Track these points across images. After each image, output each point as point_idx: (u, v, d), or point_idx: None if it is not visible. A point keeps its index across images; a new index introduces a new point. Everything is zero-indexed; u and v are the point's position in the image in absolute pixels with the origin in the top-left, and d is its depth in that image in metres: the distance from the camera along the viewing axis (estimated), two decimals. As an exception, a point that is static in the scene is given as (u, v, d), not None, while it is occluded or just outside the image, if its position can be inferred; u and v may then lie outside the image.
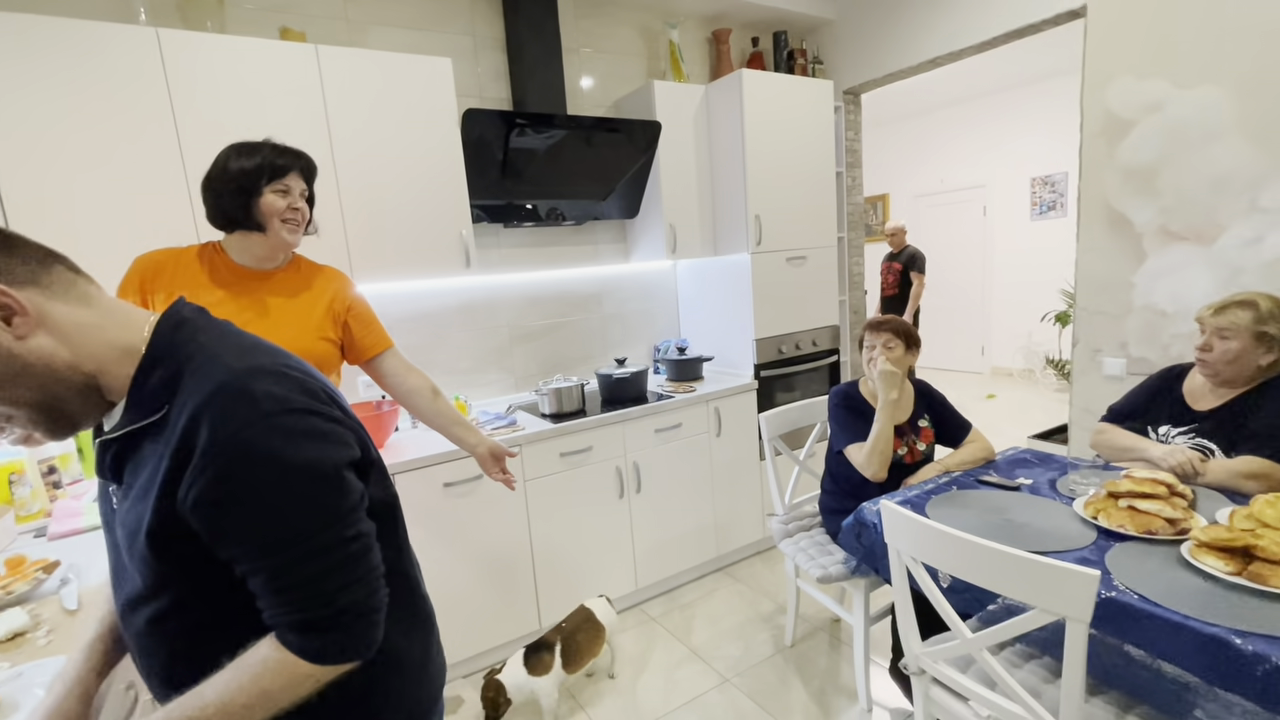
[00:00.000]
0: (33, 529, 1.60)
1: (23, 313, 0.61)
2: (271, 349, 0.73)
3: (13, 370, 0.61)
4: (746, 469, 2.83)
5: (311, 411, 0.67)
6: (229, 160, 1.35)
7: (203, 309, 0.75)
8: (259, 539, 0.63)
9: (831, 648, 2.24)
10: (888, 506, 1.32)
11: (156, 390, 0.66)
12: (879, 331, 1.94)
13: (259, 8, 2.16)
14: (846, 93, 3.37)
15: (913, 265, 5.03)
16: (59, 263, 0.66)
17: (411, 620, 0.84)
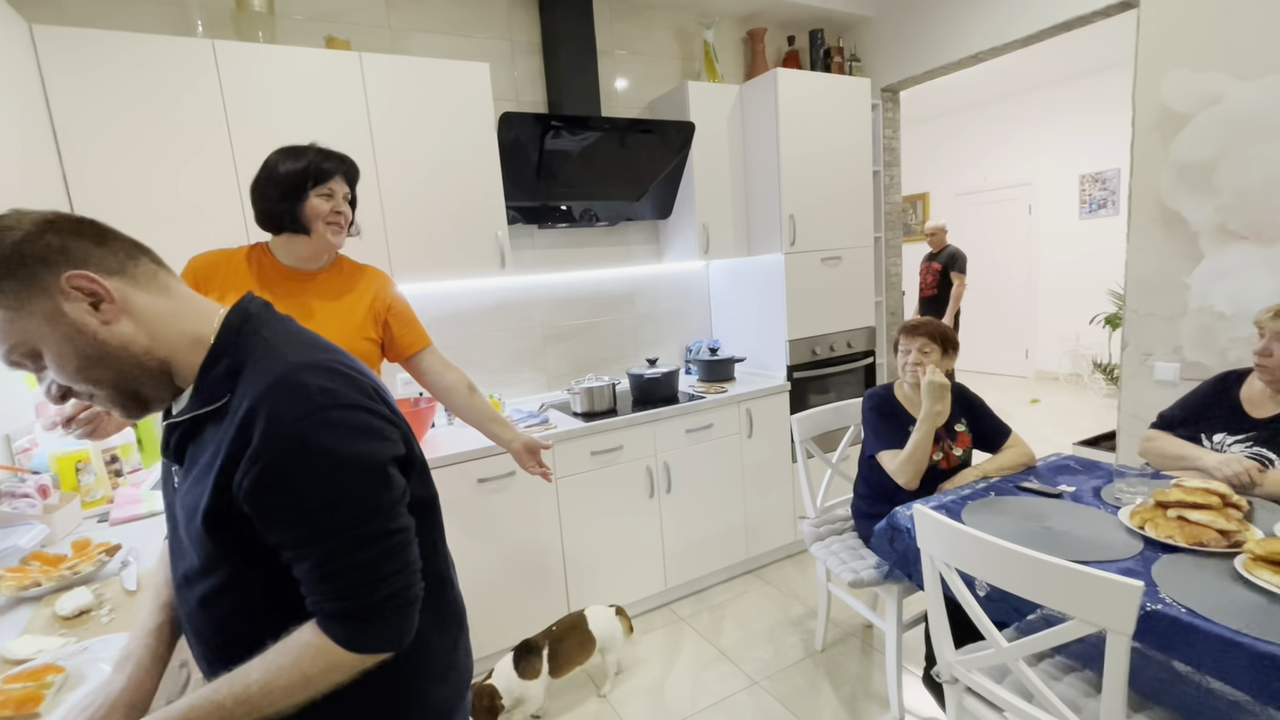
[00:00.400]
0: (96, 514, 1.70)
1: (110, 300, 0.66)
2: (328, 346, 0.76)
3: (97, 353, 0.66)
4: (778, 471, 2.80)
5: (361, 408, 0.70)
6: (277, 164, 1.41)
7: (269, 304, 0.79)
8: (307, 527, 0.66)
9: (863, 654, 2.20)
10: (921, 511, 1.30)
11: (220, 379, 0.70)
12: (915, 335, 1.90)
13: (307, 17, 2.24)
14: (884, 90, 3.31)
15: (953, 265, 4.90)
16: (145, 255, 0.72)
17: (442, 618, 0.85)
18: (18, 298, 0.62)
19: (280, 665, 0.67)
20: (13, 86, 1.49)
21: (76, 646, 0.99)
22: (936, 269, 4.96)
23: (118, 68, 1.72)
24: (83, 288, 0.65)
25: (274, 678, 0.66)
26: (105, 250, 0.67)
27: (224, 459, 0.66)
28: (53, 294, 0.63)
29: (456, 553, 2.14)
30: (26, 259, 0.62)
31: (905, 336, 1.92)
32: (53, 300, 0.63)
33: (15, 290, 0.62)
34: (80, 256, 0.65)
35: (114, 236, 0.69)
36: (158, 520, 1.60)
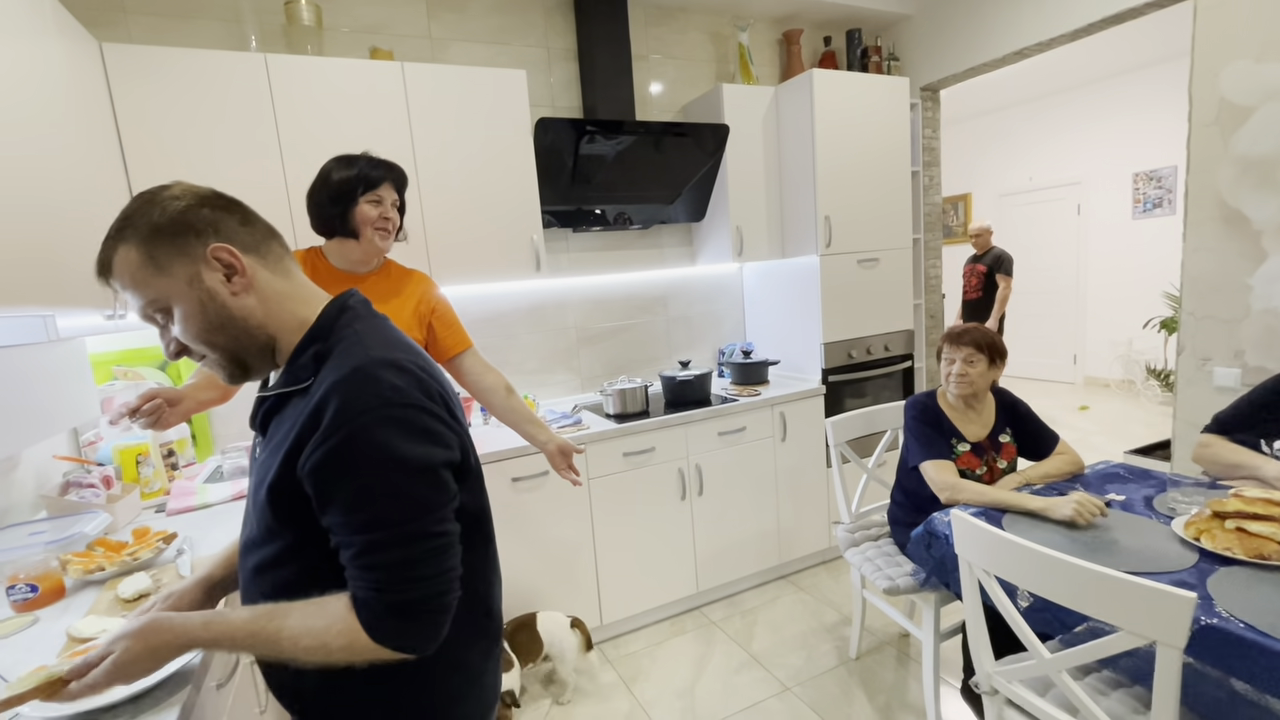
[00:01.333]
0: (154, 505, 1.79)
1: (242, 274, 0.73)
2: (409, 346, 0.79)
3: (221, 320, 0.73)
4: (812, 475, 2.77)
5: (425, 410, 0.72)
6: (330, 172, 1.48)
7: (367, 301, 0.84)
8: (357, 514, 0.68)
9: (899, 663, 2.16)
10: (959, 517, 1.27)
11: (308, 363, 0.75)
12: (960, 344, 1.83)
13: (352, 30, 2.32)
14: (924, 89, 3.24)
15: (998, 267, 4.75)
16: (275, 240, 0.79)
17: (478, 631, 0.86)
18: (168, 258, 0.70)
19: (309, 625, 0.69)
20: (84, 99, 1.59)
21: (136, 627, 1.04)
22: (981, 271, 4.82)
23: (177, 81, 1.81)
24: (222, 259, 0.72)
25: (300, 635, 0.69)
26: (246, 230, 0.75)
27: (295, 437, 0.70)
28: (196, 260, 0.71)
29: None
30: (183, 226, 0.70)
31: (949, 345, 1.86)
32: (195, 266, 0.71)
33: (167, 252, 0.70)
34: (226, 232, 0.73)
35: (255, 219, 0.77)
36: (210, 512, 1.68)
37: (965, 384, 1.82)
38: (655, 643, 2.39)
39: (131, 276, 0.71)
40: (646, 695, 2.10)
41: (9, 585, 1.18)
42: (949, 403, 1.89)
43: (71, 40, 1.56)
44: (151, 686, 0.89)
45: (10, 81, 1.20)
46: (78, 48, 1.59)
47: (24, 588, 1.18)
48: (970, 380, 1.81)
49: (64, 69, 1.48)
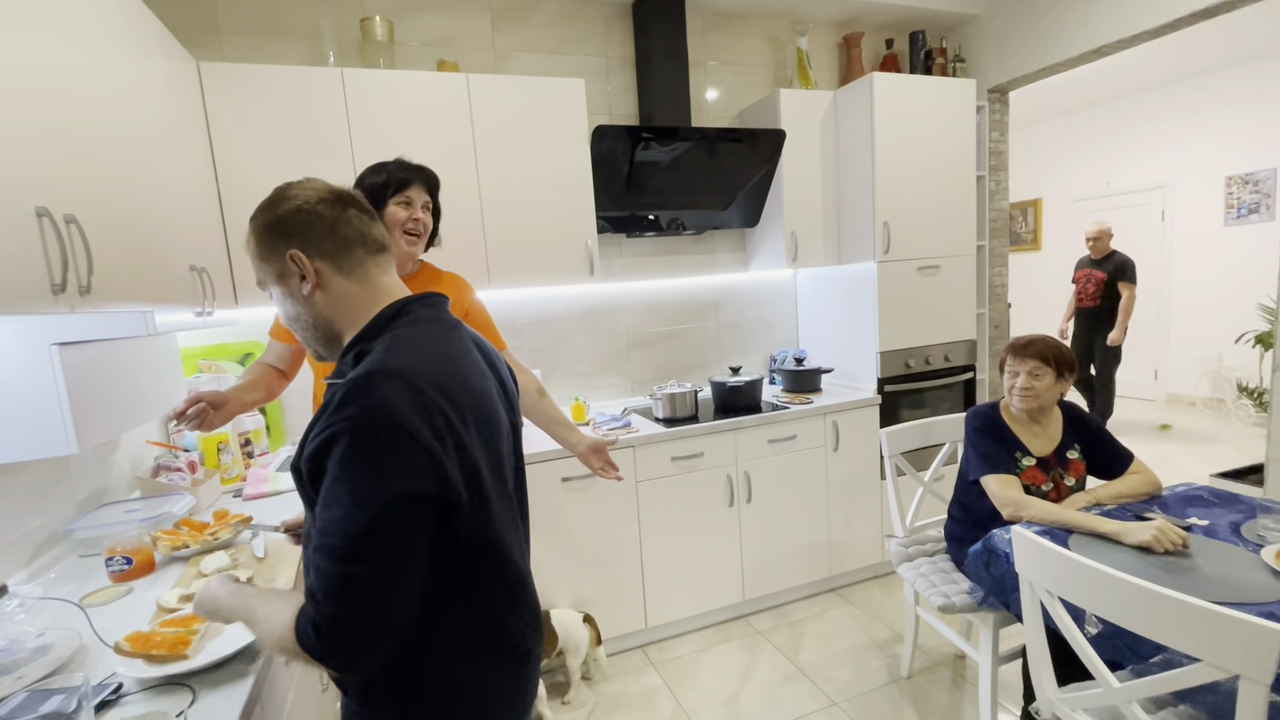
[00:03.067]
0: (232, 490, 1.92)
1: (311, 278, 0.82)
2: (441, 359, 0.80)
3: (294, 311, 0.86)
4: (865, 487, 2.70)
5: (408, 431, 0.70)
6: (363, 179, 1.51)
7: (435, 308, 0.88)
8: (321, 512, 0.70)
9: (954, 685, 2.07)
10: (1021, 534, 1.22)
11: (350, 360, 0.80)
12: (1024, 356, 1.74)
13: (421, 44, 2.43)
14: (991, 91, 3.13)
15: (1122, 274, 4.47)
16: (361, 248, 0.85)
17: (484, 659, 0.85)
18: (268, 251, 0.83)
19: (270, 614, 0.74)
20: (183, 114, 1.72)
21: (216, 601, 1.12)
22: (1100, 278, 4.56)
23: (263, 96, 1.95)
24: (299, 261, 0.81)
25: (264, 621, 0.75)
26: (328, 239, 0.83)
27: (310, 425, 0.75)
28: (281, 259, 0.82)
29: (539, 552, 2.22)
30: (279, 229, 0.82)
31: (1014, 357, 1.77)
32: (281, 263, 0.82)
33: (267, 246, 0.83)
34: (308, 239, 0.82)
35: (341, 228, 0.83)
36: (283, 499, 1.79)
37: (1030, 397, 1.74)
38: (700, 649, 2.38)
39: (250, 253, 0.86)
40: (690, 701, 2.10)
41: (108, 557, 1.29)
42: (1013, 415, 1.81)
43: (174, 60, 1.70)
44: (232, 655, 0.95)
45: (122, 98, 1.32)
46: (179, 67, 1.73)
47: (120, 560, 1.29)
48: (1036, 394, 1.73)
49: (167, 87, 1.61)
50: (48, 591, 1.22)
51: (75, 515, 1.52)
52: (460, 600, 0.80)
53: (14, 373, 1.20)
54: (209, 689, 0.90)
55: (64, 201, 1.01)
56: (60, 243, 0.96)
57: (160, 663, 0.92)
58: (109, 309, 1.15)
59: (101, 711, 0.85)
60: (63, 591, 1.25)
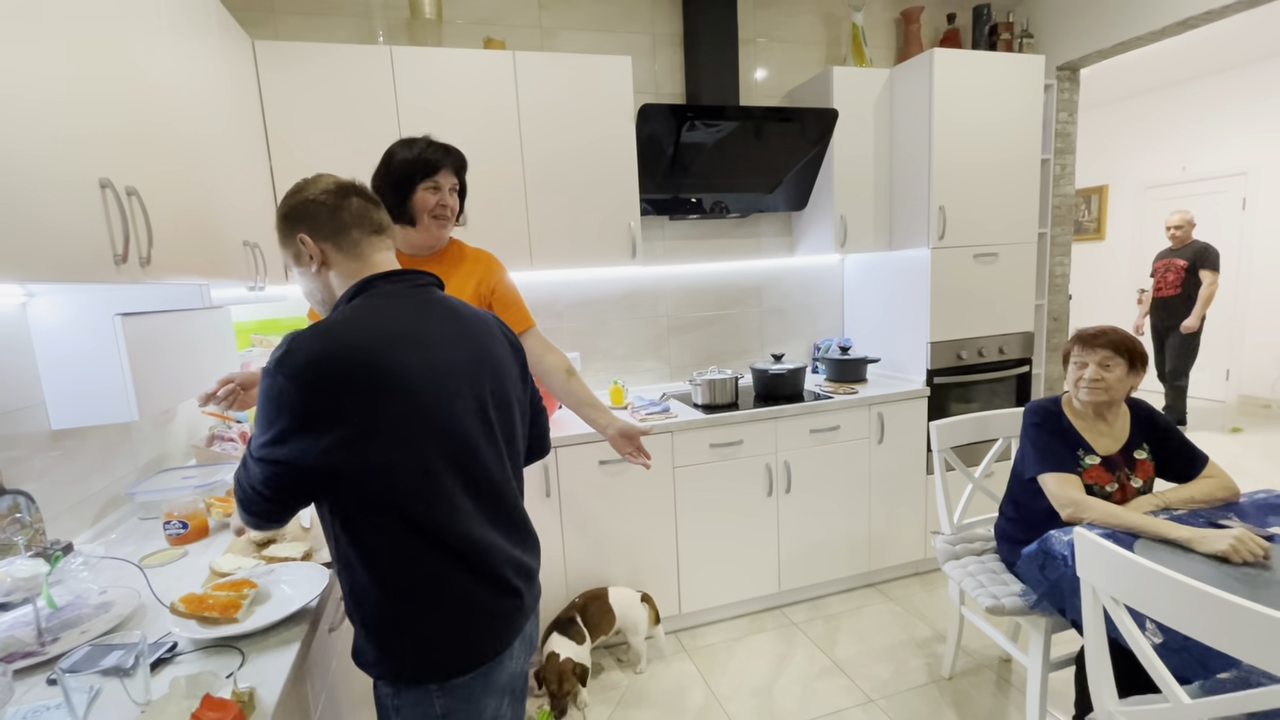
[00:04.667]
0: (281, 461, 1.97)
1: (317, 257, 0.96)
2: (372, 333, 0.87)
3: (310, 286, 0.99)
4: (910, 482, 2.62)
5: (294, 380, 0.81)
6: (393, 155, 1.49)
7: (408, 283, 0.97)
8: None
9: (998, 689, 2.00)
10: (1084, 536, 1.15)
11: None
12: (1094, 347, 1.64)
13: (468, 21, 2.42)
14: (1061, 69, 2.95)
15: (1203, 262, 4.33)
16: (358, 229, 0.96)
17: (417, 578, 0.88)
18: (286, 235, 0.97)
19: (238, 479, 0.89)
20: (239, 91, 1.76)
21: (265, 568, 1.15)
22: (1181, 266, 4.43)
23: (315, 74, 1.97)
24: (306, 243, 0.95)
25: None
26: (331, 223, 0.95)
27: None
28: (295, 242, 0.96)
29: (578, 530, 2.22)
30: (293, 217, 0.96)
31: (1082, 347, 1.67)
32: (295, 246, 0.96)
33: (285, 230, 0.97)
34: (315, 224, 0.95)
35: (341, 214, 0.95)
36: (328, 470, 1.83)
37: (1100, 390, 1.63)
38: (733, 638, 2.36)
39: (277, 236, 0.99)
40: (722, 689, 2.08)
41: (165, 521, 1.34)
42: (1076, 410, 1.71)
43: (231, 39, 1.73)
44: (278, 622, 0.97)
45: (181, 76, 1.34)
46: (235, 45, 1.76)
47: (177, 524, 1.34)
48: (1106, 386, 1.63)
49: (224, 65, 1.64)
50: (110, 551, 1.28)
51: (136, 480, 1.59)
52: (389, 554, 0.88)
53: (80, 342, 1.24)
54: (257, 652, 0.93)
55: (126, 174, 1.03)
56: (122, 214, 0.98)
57: (212, 625, 0.95)
58: (168, 281, 1.18)
59: (157, 668, 0.88)
60: (123, 552, 1.30)
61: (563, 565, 2.19)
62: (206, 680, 0.79)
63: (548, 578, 2.10)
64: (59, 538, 1.22)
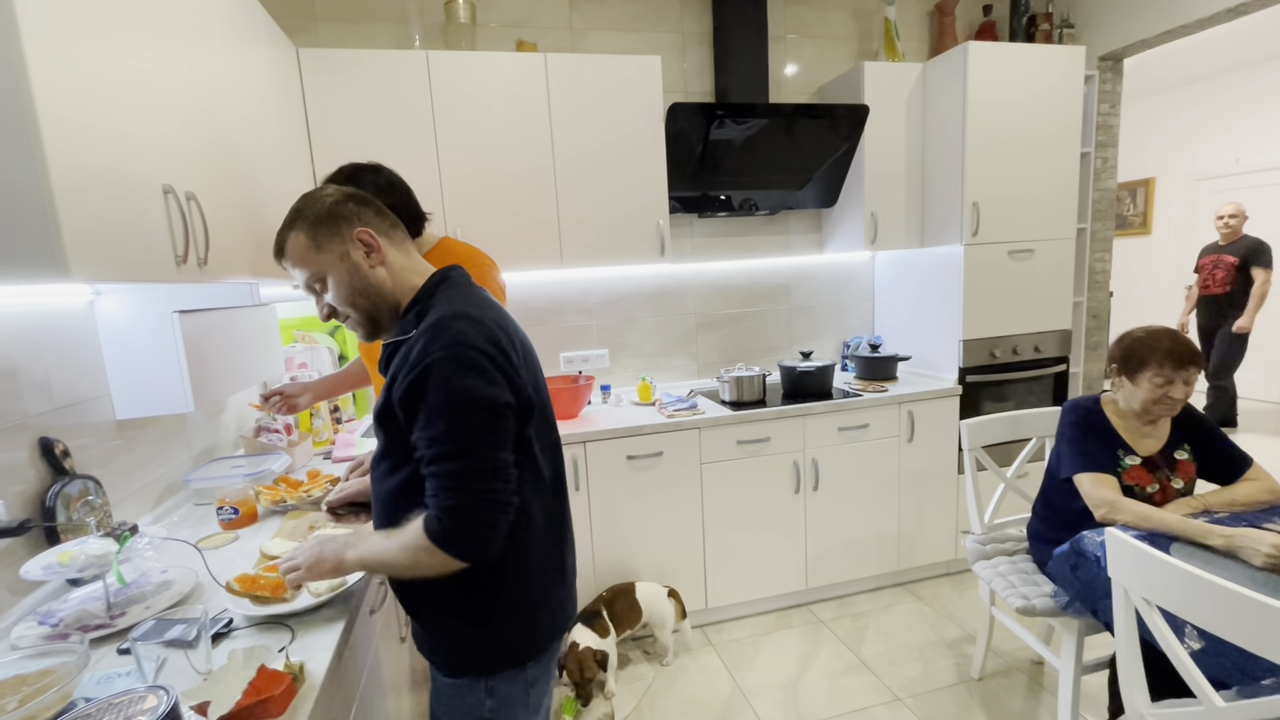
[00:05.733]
0: (322, 452, 2.06)
1: (378, 251, 0.94)
2: (489, 305, 0.95)
3: (363, 287, 0.94)
4: (940, 481, 2.59)
5: (483, 352, 0.86)
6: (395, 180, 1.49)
7: (466, 274, 1.01)
8: (427, 430, 0.84)
9: (1029, 691, 1.98)
10: (1116, 537, 1.14)
11: (413, 319, 0.93)
12: (1187, 366, 1.54)
13: (500, 24, 2.48)
14: (1103, 59, 2.87)
15: (1255, 259, 4.12)
16: (399, 227, 1.00)
17: (540, 566, 0.98)
18: (326, 240, 0.92)
19: (401, 544, 0.86)
20: (285, 97, 1.84)
21: (311, 552, 1.21)
22: (1230, 262, 4.22)
23: (355, 79, 2.04)
24: (365, 240, 0.93)
25: (397, 553, 0.87)
26: (379, 219, 0.97)
27: (393, 373, 0.89)
28: (346, 241, 0.92)
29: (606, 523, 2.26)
30: (338, 215, 0.92)
31: (1176, 365, 1.54)
32: (345, 245, 0.92)
33: (326, 235, 0.92)
34: (367, 219, 0.95)
35: (385, 212, 0.98)
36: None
37: (1176, 406, 1.60)
38: (760, 633, 2.38)
39: (300, 256, 0.93)
40: (748, 683, 2.10)
41: (218, 506, 1.42)
42: (1119, 410, 1.67)
43: (278, 47, 1.81)
44: (324, 602, 1.03)
45: (233, 84, 1.41)
46: (282, 54, 1.84)
47: (229, 510, 1.42)
48: (1181, 402, 1.59)
49: (271, 72, 1.72)
50: (170, 533, 1.36)
51: (190, 468, 1.68)
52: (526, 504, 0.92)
53: (143, 337, 1.33)
54: (305, 630, 0.98)
55: (186, 180, 1.10)
56: (183, 218, 1.05)
57: (264, 603, 1.01)
58: (221, 280, 1.25)
59: (215, 642, 0.94)
60: (181, 535, 1.39)
61: (590, 559, 2.23)
62: (261, 653, 0.85)
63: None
64: (124, 520, 1.31)
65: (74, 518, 1.13)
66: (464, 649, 0.95)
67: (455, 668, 0.97)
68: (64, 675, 0.75)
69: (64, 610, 1.01)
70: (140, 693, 0.62)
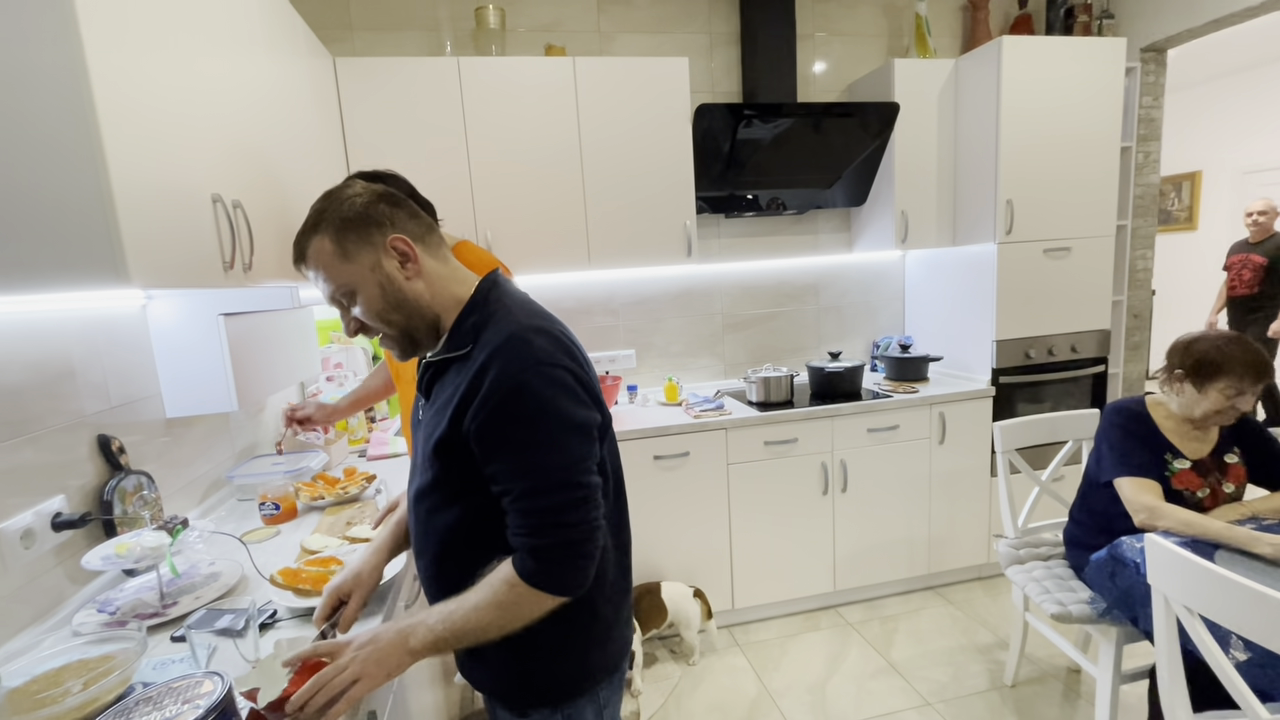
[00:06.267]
0: (357, 450, 2.11)
1: (414, 260, 0.83)
2: (551, 317, 0.88)
3: (398, 300, 0.82)
4: (972, 483, 2.55)
5: (570, 370, 0.79)
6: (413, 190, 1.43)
7: (509, 278, 0.94)
8: (513, 462, 0.76)
9: (1065, 700, 1.93)
10: (1156, 543, 1.11)
11: (467, 332, 0.84)
12: (1259, 379, 1.48)
13: (529, 29, 2.51)
14: (1145, 50, 2.78)
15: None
16: (434, 231, 0.88)
17: (612, 584, 0.91)
18: (355, 248, 0.80)
19: (482, 601, 0.77)
20: (322, 106, 1.89)
21: (348, 548, 1.25)
22: (1259, 263, 3.99)
23: (388, 86, 2.09)
24: (399, 248, 0.81)
25: (479, 615, 0.77)
26: (414, 222, 0.85)
27: (460, 399, 0.78)
28: (378, 249, 0.81)
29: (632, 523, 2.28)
30: (367, 219, 0.81)
31: (1253, 379, 1.48)
32: (376, 254, 0.81)
33: (355, 242, 0.80)
34: (400, 224, 0.83)
35: (419, 213, 0.86)
36: (401, 460, 1.95)
37: (1234, 418, 1.55)
38: (787, 635, 2.37)
39: (325, 264, 0.81)
40: (775, 684, 2.10)
41: (260, 502, 1.47)
42: (1169, 412, 1.62)
43: (316, 58, 1.86)
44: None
45: (275, 94, 1.47)
46: (319, 64, 1.90)
47: (270, 505, 1.47)
48: (1241, 415, 1.55)
49: (310, 82, 1.77)
50: (216, 527, 1.42)
51: (233, 465, 1.74)
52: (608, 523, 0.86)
53: (191, 340, 1.38)
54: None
55: (232, 189, 1.14)
56: (230, 226, 1.09)
57: (306, 596, 1.05)
58: (264, 285, 1.30)
59: (261, 631, 0.98)
60: (226, 529, 1.44)
61: (618, 556, 2.25)
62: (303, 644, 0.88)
63: (604, 568, 2.17)
64: (175, 514, 1.37)
65: (129, 511, 1.19)
66: (538, 681, 0.88)
67: (528, 702, 0.89)
68: (124, 660, 0.80)
69: (121, 599, 1.06)
70: (197, 678, 0.65)
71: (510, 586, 0.77)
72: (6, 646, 0.95)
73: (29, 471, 1.04)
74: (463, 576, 0.82)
